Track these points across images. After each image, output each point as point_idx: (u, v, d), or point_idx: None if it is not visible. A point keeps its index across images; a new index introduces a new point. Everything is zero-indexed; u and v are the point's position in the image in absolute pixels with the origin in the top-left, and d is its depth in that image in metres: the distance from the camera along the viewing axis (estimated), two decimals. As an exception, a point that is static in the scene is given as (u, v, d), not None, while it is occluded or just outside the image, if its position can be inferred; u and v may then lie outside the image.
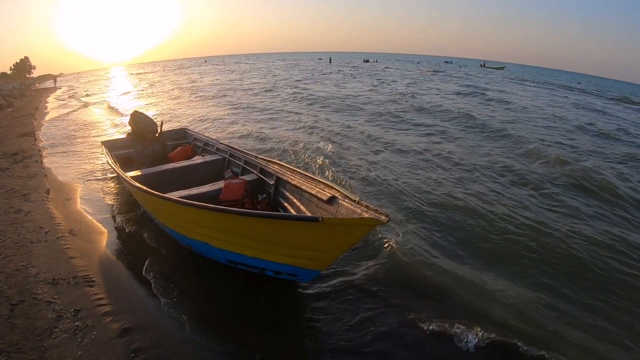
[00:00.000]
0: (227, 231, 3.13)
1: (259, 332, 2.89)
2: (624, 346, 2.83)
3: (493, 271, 3.70)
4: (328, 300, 3.22)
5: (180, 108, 15.42)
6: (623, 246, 4.19)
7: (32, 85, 41.98)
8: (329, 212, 3.12)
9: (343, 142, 8.83)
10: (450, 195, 5.41)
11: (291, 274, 3.04)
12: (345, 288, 3.38)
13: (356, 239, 2.61)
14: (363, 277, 3.55)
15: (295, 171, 4.07)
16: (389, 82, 25.30)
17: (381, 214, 2.50)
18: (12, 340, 2.69)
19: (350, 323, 2.97)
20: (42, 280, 3.41)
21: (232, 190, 4.26)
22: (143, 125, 6.52)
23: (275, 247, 2.91)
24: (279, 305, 3.19)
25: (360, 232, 2.57)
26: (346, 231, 2.55)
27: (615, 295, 3.40)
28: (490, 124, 10.98)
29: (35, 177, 6.40)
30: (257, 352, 2.70)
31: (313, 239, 2.68)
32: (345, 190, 3.13)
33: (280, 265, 3.01)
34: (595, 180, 6.16)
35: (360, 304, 3.19)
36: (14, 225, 4.51)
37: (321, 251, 2.73)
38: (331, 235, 2.59)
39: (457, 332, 2.84)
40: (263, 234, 2.91)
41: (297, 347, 2.79)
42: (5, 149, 8.62)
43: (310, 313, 3.10)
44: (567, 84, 37.28)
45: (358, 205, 2.82)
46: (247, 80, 28.16)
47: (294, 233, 2.73)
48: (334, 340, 2.80)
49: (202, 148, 6.53)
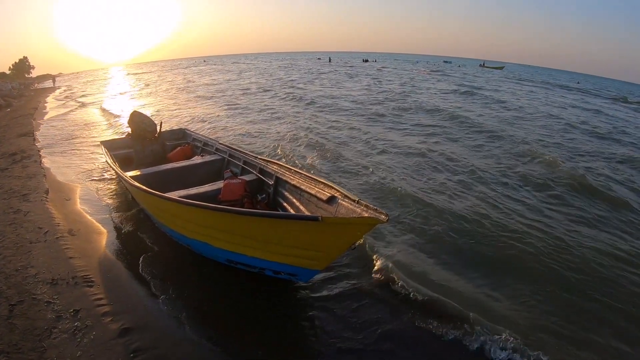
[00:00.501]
0: (226, 231, 3.12)
1: (259, 332, 2.89)
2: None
3: (492, 273, 3.70)
4: (327, 300, 3.23)
5: (176, 108, 15.40)
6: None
7: (31, 85, 41.90)
8: (329, 211, 3.12)
9: (330, 138, 8.96)
10: (438, 193, 5.44)
11: (290, 273, 3.03)
12: (344, 288, 3.39)
13: (356, 238, 2.60)
14: (362, 277, 3.56)
15: (295, 171, 4.07)
16: (385, 82, 25.29)
17: (381, 213, 2.49)
18: (12, 340, 2.68)
19: (350, 323, 2.97)
20: (42, 281, 3.40)
21: (232, 190, 4.26)
22: (142, 125, 6.51)
23: (275, 247, 2.91)
24: (278, 305, 3.19)
25: (360, 232, 2.56)
26: (346, 230, 2.54)
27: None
28: (472, 120, 11.08)
29: (34, 177, 6.39)
30: (257, 352, 2.71)
31: (312, 239, 2.67)
32: (344, 189, 3.12)
33: (279, 265, 3.00)
34: (583, 184, 6.07)
35: (360, 303, 3.20)
36: (13, 225, 4.51)
37: (321, 250, 2.73)
38: (331, 234, 2.58)
39: (458, 333, 2.85)
40: (262, 234, 2.91)
41: (297, 347, 2.79)
42: (4, 149, 8.61)
43: (309, 313, 3.11)
44: (564, 84, 37.20)
45: (358, 204, 2.82)
46: (244, 80, 28.12)
47: (293, 233, 2.72)
48: (333, 340, 2.81)
49: (201, 148, 6.52)
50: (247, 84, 24.62)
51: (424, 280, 3.51)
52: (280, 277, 3.15)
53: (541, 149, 8.26)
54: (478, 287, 3.44)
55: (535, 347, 2.70)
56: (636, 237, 4.53)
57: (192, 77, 33.56)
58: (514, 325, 2.93)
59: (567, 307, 3.23)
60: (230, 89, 21.52)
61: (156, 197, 3.60)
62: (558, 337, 2.87)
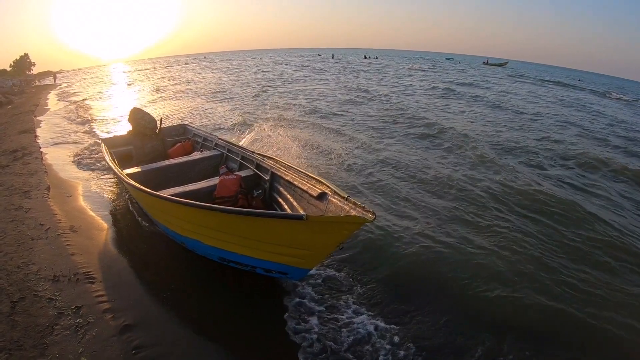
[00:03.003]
0: (216, 229, 3.10)
1: (258, 329, 2.90)
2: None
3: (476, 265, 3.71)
4: (322, 299, 3.21)
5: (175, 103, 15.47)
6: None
7: (32, 82, 41.83)
8: (319, 208, 3.11)
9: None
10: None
11: (281, 272, 2.99)
12: (338, 287, 3.38)
13: (343, 237, 2.55)
14: (353, 275, 3.56)
15: (289, 166, 4.03)
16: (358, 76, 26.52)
17: (368, 211, 2.47)
18: (13, 337, 2.69)
19: (341, 322, 2.97)
20: (43, 277, 3.41)
21: (226, 187, 4.22)
22: (142, 122, 6.50)
23: (263, 245, 2.87)
24: (272, 304, 3.18)
25: (347, 230, 2.50)
26: (332, 229, 2.49)
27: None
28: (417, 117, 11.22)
29: (35, 174, 6.39)
30: (257, 351, 2.71)
31: (299, 237, 2.64)
32: (334, 185, 3.09)
33: (269, 264, 2.97)
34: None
35: (352, 301, 3.20)
36: (15, 222, 4.51)
37: (308, 249, 2.69)
38: (317, 233, 2.54)
39: (447, 331, 2.87)
40: (250, 232, 2.88)
41: (297, 347, 2.79)
42: (5, 146, 8.60)
43: (306, 312, 3.09)
44: (561, 80, 36.98)
45: (347, 202, 2.78)
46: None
47: (279, 231, 2.69)
48: (331, 341, 2.81)
49: (201, 144, 6.51)
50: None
51: (414, 278, 3.53)
52: (272, 276, 3.12)
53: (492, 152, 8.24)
54: (460, 284, 3.45)
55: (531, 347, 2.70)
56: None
57: (194, 76, 33.59)
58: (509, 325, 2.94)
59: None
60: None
61: (148, 195, 3.58)
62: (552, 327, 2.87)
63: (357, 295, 3.28)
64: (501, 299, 3.26)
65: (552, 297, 3.29)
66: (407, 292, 3.34)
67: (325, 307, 3.11)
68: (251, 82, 23.43)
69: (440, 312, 3.08)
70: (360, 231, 4.08)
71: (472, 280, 3.47)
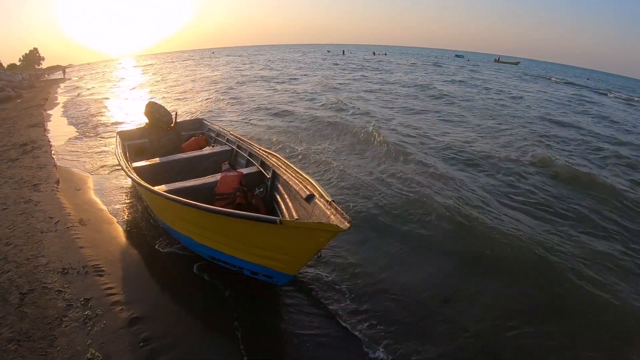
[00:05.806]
0: (204, 227, 3.08)
1: (258, 327, 2.89)
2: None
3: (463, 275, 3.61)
4: (315, 303, 3.16)
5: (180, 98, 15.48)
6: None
7: (41, 76, 42.24)
8: (307, 210, 3.06)
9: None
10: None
11: (266, 275, 2.93)
12: (332, 290, 3.31)
13: (320, 244, 2.46)
14: (343, 279, 3.48)
15: (289, 165, 3.98)
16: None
17: (345, 219, 2.42)
18: (22, 328, 2.71)
19: (335, 323, 2.94)
20: (52, 270, 3.43)
21: (226, 183, 4.18)
22: (157, 115, 6.51)
23: (247, 247, 2.83)
24: (274, 302, 3.17)
25: (324, 238, 2.40)
26: (307, 236, 2.41)
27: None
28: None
29: (44, 168, 6.44)
30: (261, 346, 2.71)
31: (277, 242, 2.59)
32: (321, 188, 3.04)
33: (254, 266, 2.92)
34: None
35: (339, 305, 3.14)
36: (24, 215, 4.55)
37: (286, 254, 2.63)
38: (293, 238, 2.48)
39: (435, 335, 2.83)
40: (233, 233, 2.84)
41: (296, 347, 2.76)
42: (15, 140, 8.69)
43: (302, 314, 3.05)
44: (565, 79, 36.30)
45: (330, 206, 2.73)
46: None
47: (257, 234, 2.65)
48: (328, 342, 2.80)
49: (214, 139, 6.50)
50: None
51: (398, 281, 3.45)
52: (259, 278, 3.04)
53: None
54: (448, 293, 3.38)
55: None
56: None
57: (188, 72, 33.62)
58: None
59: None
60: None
61: (145, 190, 3.58)
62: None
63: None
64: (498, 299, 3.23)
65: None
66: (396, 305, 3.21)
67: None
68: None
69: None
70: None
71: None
